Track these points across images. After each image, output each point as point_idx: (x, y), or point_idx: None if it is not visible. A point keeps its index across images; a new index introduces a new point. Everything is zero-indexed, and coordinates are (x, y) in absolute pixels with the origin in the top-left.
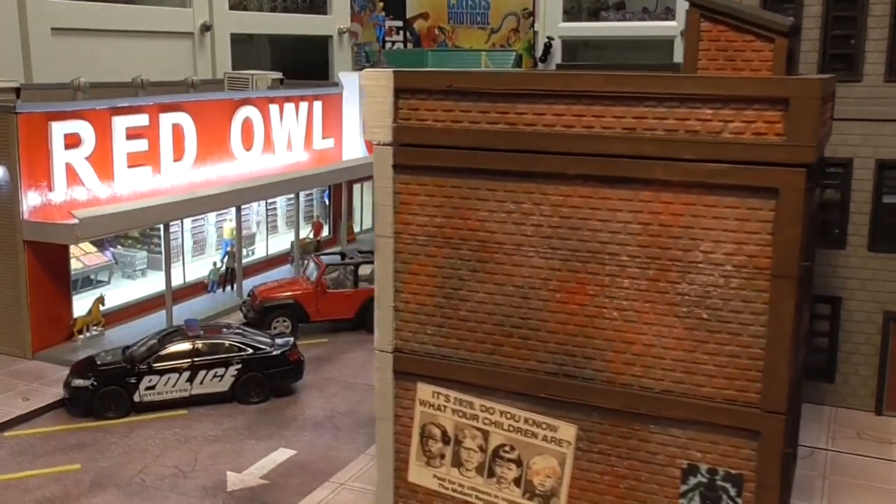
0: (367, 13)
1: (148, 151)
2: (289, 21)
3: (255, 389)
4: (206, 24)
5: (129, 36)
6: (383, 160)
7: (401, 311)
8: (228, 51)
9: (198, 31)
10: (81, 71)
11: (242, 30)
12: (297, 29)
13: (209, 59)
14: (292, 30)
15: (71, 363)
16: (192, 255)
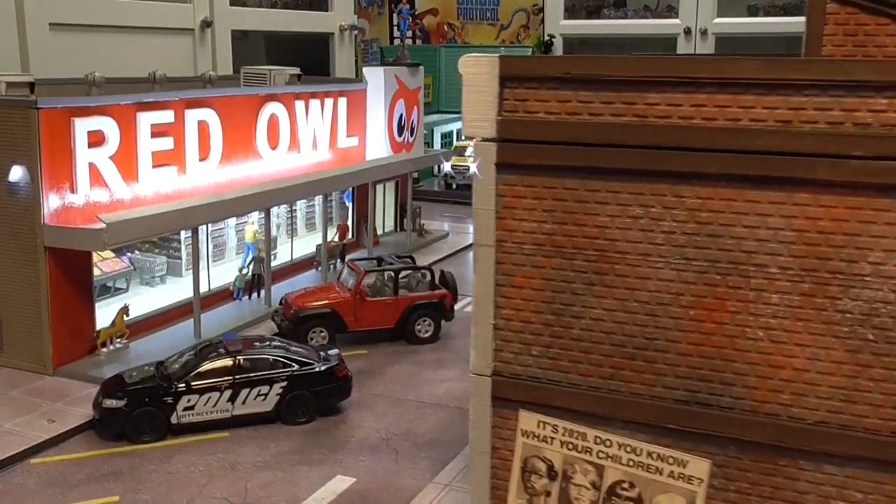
0: (374, 9)
1: (173, 150)
2: (290, 18)
3: (301, 409)
4: (206, 20)
5: (128, 32)
6: (485, 158)
7: (501, 329)
8: (229, 47)
9: (198, 27)
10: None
11: (244, 26)
12: (299, 26)
13: (209, 56)
14: (293, 27)
15: (95, 379)
16: (212, 261)
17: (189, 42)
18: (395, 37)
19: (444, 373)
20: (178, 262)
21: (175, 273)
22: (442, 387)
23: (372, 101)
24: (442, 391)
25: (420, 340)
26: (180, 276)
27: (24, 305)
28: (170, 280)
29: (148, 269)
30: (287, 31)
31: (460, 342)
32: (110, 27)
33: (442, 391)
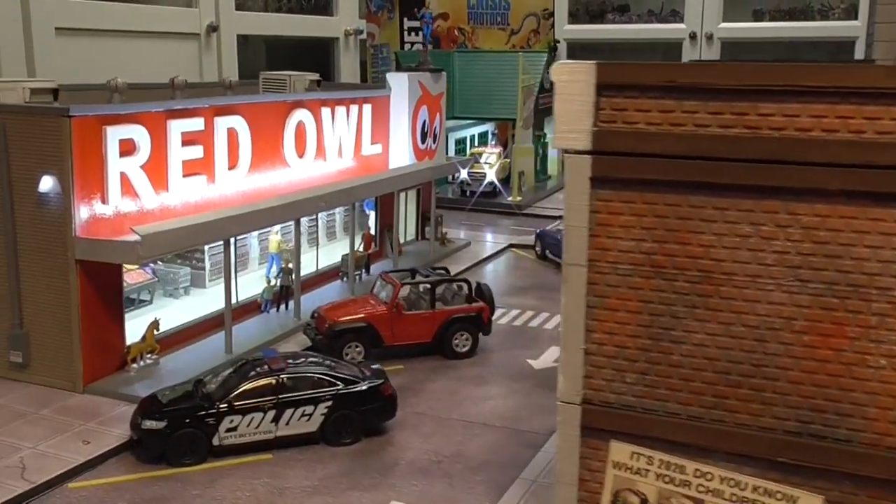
0: (384, 13)
1: (203, 159)
2: (296, 22)
3: (346, 429)
4: (212, 24)
5: (133, 37)
6: (578, 172)
7: (593, 354)
8: (235, 52)
9: (204, 31)
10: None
11: (249, 31)
12: (304, 30)
13: (215, 61)
14: (299, 31)
15: (126, 397)
16: (234, 272)
17: (195, 47)
18: (405, 41)
19: (486, 390)
20: (202, 273)
21: (198, 284)
22: (486, 405)
23: (395, 108)
24: (487, 410)
25: (457, 355)
26: (203, 287)
27: (52, 320)
28: (193, 292)
29: (172, 281)
30: (290, 36)
31: (498, 357)
32: (116, 32)
33: (487, 410)
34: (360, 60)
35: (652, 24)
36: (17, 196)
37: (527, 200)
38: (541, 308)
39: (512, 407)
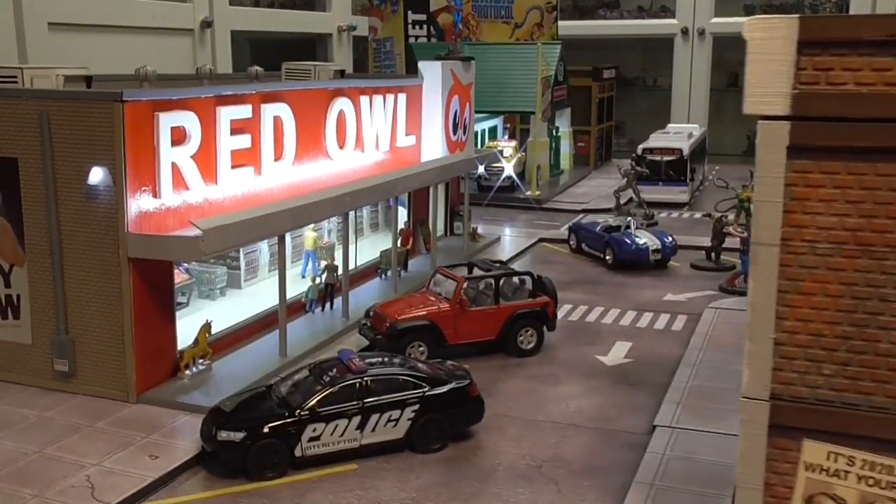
0: (387, 6)
1: (251, 149)
2: (289, 18)
3: (434, 435)
4: (206, 20)
5: (127, 32)
6: (773, 140)
7: (784, 344)
8: (229, 48)
9: (198, 27)
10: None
11: (244, 27)
12: (297, 26)
13: (209, 56)
14: (292, 27)
15: (183, 406)
16: (268, 271)
17: (189, 42)
18: (409, 35)
19: (564, 389)
20: (237, 272)
21: (233, 285)
22: (570, 405)
23: (428, 98)
24: (572, 410)
25: (522, 353)
26: (239, 287)
27: (102, 325)
28: (229, 292)
29: (208, 281)
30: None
31: (565, 354)
32: (109, 27)
33: (572, 410)
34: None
35: (643, 19)
36: (63, 189)
37: (544, 195)
38: (593, 302)
39: (597, 406)
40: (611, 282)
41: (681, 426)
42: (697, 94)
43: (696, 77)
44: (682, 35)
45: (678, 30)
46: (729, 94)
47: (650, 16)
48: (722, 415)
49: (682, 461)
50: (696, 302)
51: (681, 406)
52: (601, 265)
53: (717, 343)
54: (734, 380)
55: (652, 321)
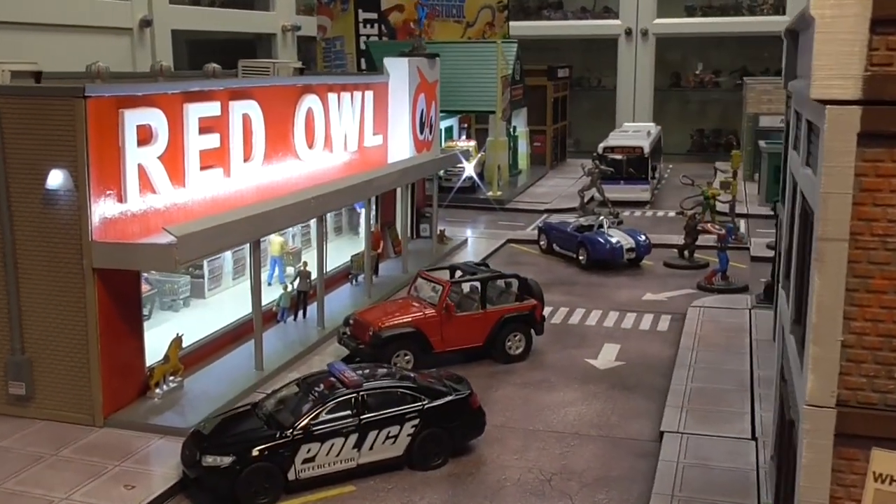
0: (337, 4)
1: (219, 149)
2: (232, 17)
3: (435, 450)
4: (145, 18)
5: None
6: (842, 127)
7: (851, 347)
8: (170, 48)
9: (137, 26)
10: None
11: (185, 26)
12: (239, 26)
13: (149, 56)
14: (235, 27)
15: (156, 429)
16: (232, 279)
17: (128, 42)
18: (360, 34)
19: (559, 395)
20: (201, 282)
21: (197, 295)
22: (569, 412)
23: (395, 96)
24: (572, 418)
25: (510, 358)
26: (203, 297)
27: (63, 342)
28: (193, 303)
29: (171, 292)
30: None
31: (554, 358)
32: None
33: (572, 418)
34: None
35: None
36: (17, 194)
37: (505, 195)
38: (573, 304)
39: (597, 413)
40: (587, 282)
41: (689, 431)
42: (642, 95)
43: (641, 77)
44: (626, 36)
45: (622, 30)
46: (672, 94)
47: (593, 16)
48: (727, 418)
49: (697, 469)
50: (676, 301)
51: (685, 410)
52: (574, 265)
53: (707, 343)
54: (732, 380)
55: (636, 322)
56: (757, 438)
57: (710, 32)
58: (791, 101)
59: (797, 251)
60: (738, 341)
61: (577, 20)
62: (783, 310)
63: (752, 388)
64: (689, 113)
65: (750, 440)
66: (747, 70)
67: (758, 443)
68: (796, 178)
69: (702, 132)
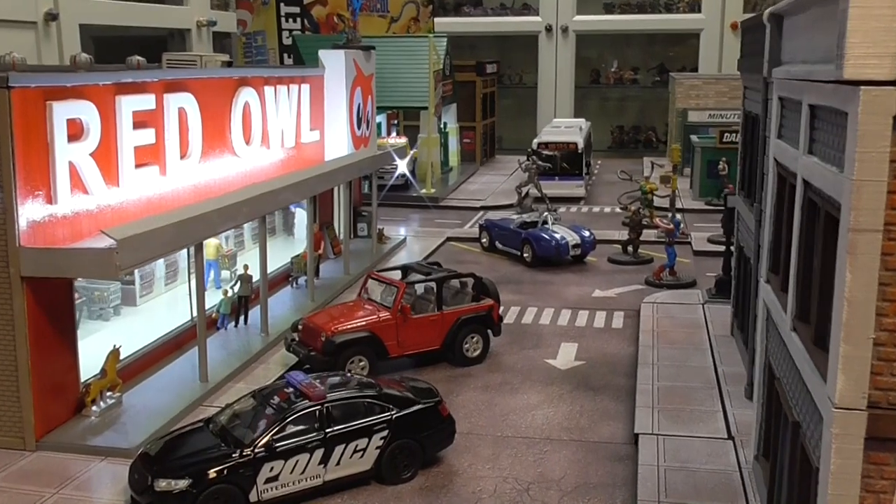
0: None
1: (154, 145)
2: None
3: (406, 462)
4: (51, 12)
5: None
6: (878, 109)
7: (884, 345)
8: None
9: (41, 19)
10: None
11: (94, 20)
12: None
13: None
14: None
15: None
16: (164, 285)
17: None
18: (283, 28)
19: (523, 398)
20: (132, 288)
21: (128, 302)
22: (537, 416)
23: (331, 89)
24: (540, 422)
25: (467, 361)
26: (134, 305)
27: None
28: (124, 311)
29: (100, 300)
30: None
31: (512, 360)
32: None
33: (540, 422)
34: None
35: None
36: None
37: (438, 193)
38: (523, 303)
39: (566, 416)
40: (533, 280)
41: (664, 433)
42: (563, 92)
43: (561, 74)
44: (546, 32)
45: (542, 27)
46: (592, 91)
47: (514, 13)
48: (700, 417)
49: (679, 472)
50: (626, 297)
51: (656, 410)
52: (519, 263)
53: (666, 340)
54: (697, 378)
55: (590, 320)
56: (734, 437)
57: (629, 29)
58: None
59: (800, 244)
60: (696, 337)
61: (497, 17)
62: (771, 305)
63: (720, 385)
64: (608, 110)
65: (727, 440)
66: (664, 67)
67: (735, 442)
68: (790, 168)
69: (622, 129)
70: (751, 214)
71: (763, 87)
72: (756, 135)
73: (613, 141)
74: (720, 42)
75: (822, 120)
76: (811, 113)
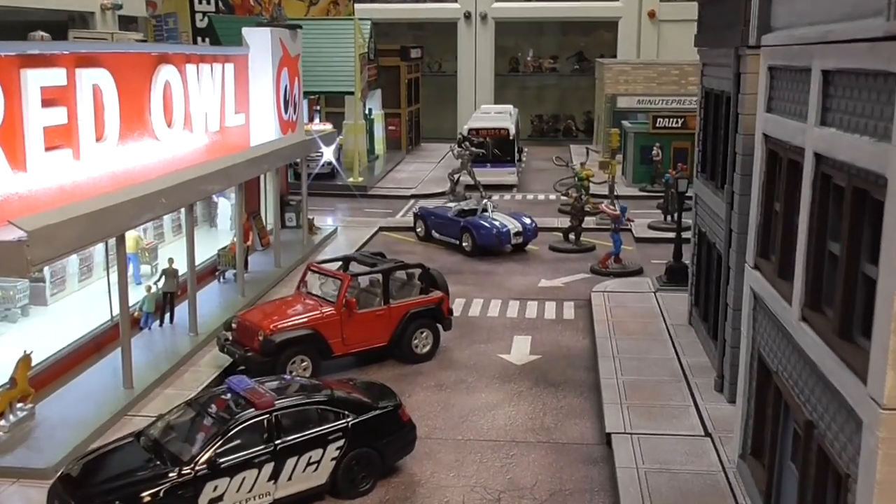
0: None
1: (67, 125)
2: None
3: (363, 473)
4: None
5: None
6: None
7: None
8: None
9: None
10: None
11: None
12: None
13: None
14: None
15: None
16: (78, 281)
17: None
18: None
19: (481, 397)
20: (41, 286)
21: (38, 301)
22: (498, 416)
23: (256, 70)
24: (503, 423)
25: (416, 358)
26: (45, 304)
27: None
28: (33, 311)
29: (5, 299)
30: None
31: (463, 355)
32: None
33: (503, 423)
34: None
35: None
36: None
37: (366, 181)
38: (468, 294)
39: (528, 415)
40: (475, 270)
41: (637, 431)
42: (483, 79)
43: (481, 62)
44: (465, 19)
45: (461, 14)
46: (511, 79)
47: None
48: (672, 413)
49: (661, 475)
50: (574, 287)
51: (625, 407)
52: (458, 253)
53: (623, 330)
54: (662, 371)
55: (540, 311)
56: (711, 435)
57: (548, 17)
58: (745, 62)
59: (811, 226)
60: (653, 327)
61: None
62: (763, 293)
63: (686, 377)
64: (527, 98)
65: (704, 437)
66: (583, 55)
67: (714, 440)
68: (792, 142)
69: (541, 117)
70: (716, 198)
71: (735, 60)
72: (720, 113)
73: (534, 129)
74: (638, 30)
75: (842, 86)
76: (824, 79)
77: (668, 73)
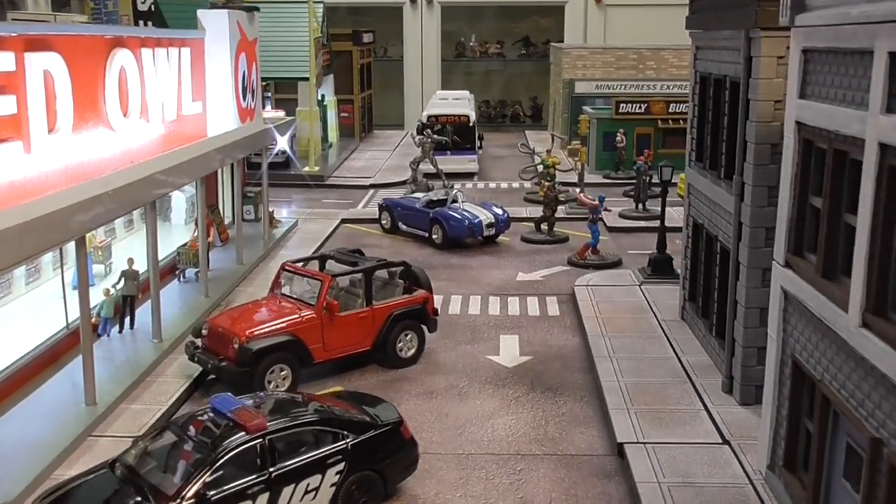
0: None
1: (16, 116)
2: None
3: (364, 498)
4: None
5: None
6: None
7: None
8: None
9: None
10: None
11: None
12: None
13: None
14: None
15: None
16: (25, 284)
17: None
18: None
19: (476, 405)
20: None
21: None
22: (497, 426)
23: (213, 55)
24: (503, 433)
25: (401, 362)
26: None
27: None
28: None
29: None
30: None
31: (450, 358)
32: None
33: (503, 433)
34: None
35: None
36: None
37: (321, 170)
38: (444, 290)
39: (530, 424)
40: (447, 264)
41: (650, 441)
42: (429, 65)
43: (427, 47)
44: (411, 4)
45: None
46: (457, 64)
47: None
48: (683, 418)
49: (685, 489)
50: (554, 280)
51: (633, 413)
52: (427, 245)
53: (614, 327)
54: (664, 371)
55: (522, 307)
56: (729, 442)
57: (494, 2)
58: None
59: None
60: (644, 323)
61: None
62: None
63: (690, 378)
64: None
65: (722, 444)
66: (529, 40)
67: (732, 447)
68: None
69: (488, 103)
70: (717, 188)
71: (745, 42)
72: (721, 99)
73: (481, 115)
74: (584, 15)
75: None
76: (892, 62)
77: (627, 57)
